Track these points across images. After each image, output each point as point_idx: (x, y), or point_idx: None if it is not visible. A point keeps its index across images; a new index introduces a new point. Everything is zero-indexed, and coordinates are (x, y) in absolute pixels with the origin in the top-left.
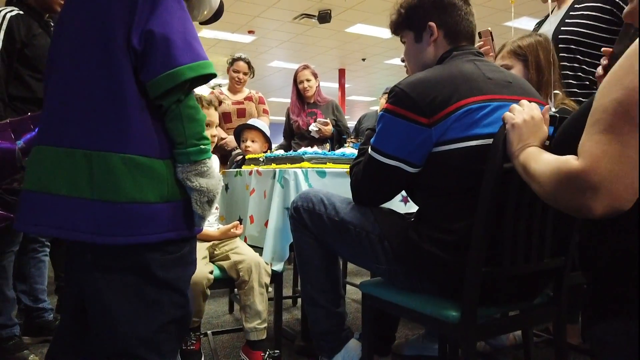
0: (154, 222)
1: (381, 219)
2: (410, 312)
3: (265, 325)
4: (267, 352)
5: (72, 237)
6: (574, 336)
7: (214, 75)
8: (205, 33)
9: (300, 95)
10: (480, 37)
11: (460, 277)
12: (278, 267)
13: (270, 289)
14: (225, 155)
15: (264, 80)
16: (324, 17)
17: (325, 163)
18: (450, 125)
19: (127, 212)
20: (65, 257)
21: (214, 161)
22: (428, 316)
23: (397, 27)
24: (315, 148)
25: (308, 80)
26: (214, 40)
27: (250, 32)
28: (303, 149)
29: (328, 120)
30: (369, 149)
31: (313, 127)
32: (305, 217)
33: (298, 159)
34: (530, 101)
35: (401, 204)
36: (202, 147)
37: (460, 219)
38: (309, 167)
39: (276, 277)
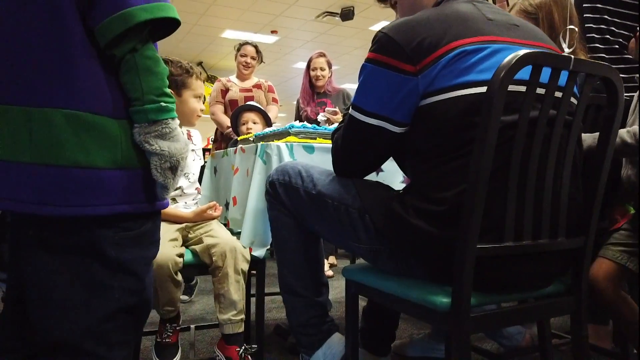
0: (103, 191)
1: (364, 191)
2: (394, 299)
3: (242, 317)
4: (243, 347)
5: (11, 207)
6: (605, 339)
7: (177, 22)
8: (228, 34)
9: (311, 83)
10: (495, 1)
11: (451, 256)
12: (259, 252)
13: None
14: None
15: (290, 82)
16: (347, 14)
17: (315, 138)
18: (440, 72)
19: (69, 177)
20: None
21: (194, 136)
22: (413, 303)
23: None
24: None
25: (322, 69)
26: (238, 41)
27: (274, 32)
28: (291, 123)
29: (337, 110)
30: (350, 108)
31: (322, 117)
32: (281, 192)
33: (285, 134)
34: (539, 46)
35: (403, 186)
36: (163, 104)
37: (453, 185)
38: (294, 142)
39: (258, 264)
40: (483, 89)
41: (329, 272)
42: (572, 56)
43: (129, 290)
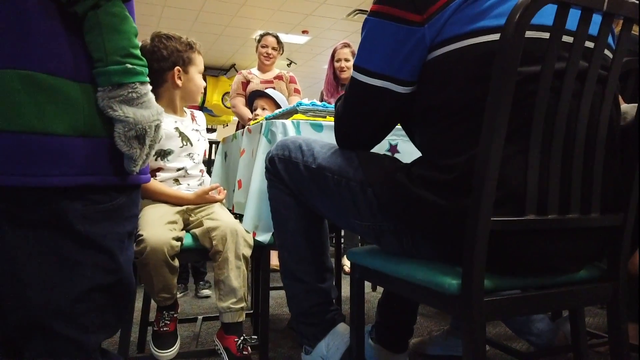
0: (63, 160)
1: (367, 162)
2: (399, 282)
3: (243, 305)
4: (242, 338)
5: None
6: None
7: None
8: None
9: (335, 75)
10: None
11: (462, 231)
12: (263, 237)
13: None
14: None
15: (322, 83)
16: None
17: (325, 117)
18: (449, 19)
19: (25, 144)
20: None
21: (198, 117)
22: (419, 285)
23: None
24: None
25: (346, 60)
26: None
27: (304, 32)
28: (299, 100)
29: None
30: (352, 70)
31: None
32: (281, 168)
33: (292, 112)
34: None
35: None
36: (129, 66)
37: (464, 150)
38: (302, 119)
39: (262, 250)
40: (498, 36)
41: None
42: None
43: (103, 268)
